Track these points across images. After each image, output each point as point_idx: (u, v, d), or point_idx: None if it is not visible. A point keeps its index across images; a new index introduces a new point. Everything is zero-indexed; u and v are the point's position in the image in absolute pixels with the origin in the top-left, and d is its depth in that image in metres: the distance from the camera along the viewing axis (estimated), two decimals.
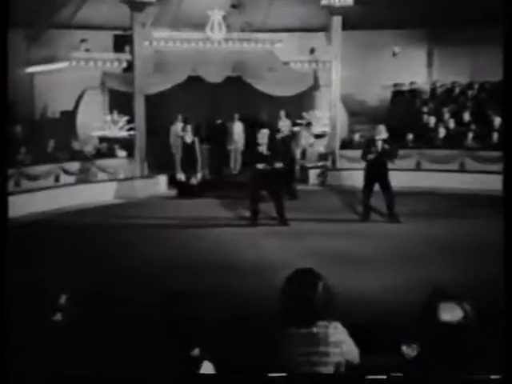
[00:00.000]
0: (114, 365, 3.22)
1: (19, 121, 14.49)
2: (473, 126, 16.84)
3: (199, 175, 15.30)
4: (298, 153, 16.57)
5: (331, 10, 16.71)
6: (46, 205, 13.47)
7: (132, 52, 15.80)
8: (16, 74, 15.39)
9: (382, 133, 12.31)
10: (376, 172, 12.28)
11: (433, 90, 19.30)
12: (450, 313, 3.04)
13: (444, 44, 19.35)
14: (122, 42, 16.63)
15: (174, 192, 15.50)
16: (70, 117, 15.96)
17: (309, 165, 16.91)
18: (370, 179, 12.32)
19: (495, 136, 15.91)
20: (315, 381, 3.38)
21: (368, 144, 12.69)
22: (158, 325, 3.09)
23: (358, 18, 16.93)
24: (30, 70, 16.98)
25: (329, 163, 16.93)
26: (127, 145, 15.73)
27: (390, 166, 12.38)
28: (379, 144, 12.18)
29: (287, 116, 17.16)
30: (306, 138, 16.91)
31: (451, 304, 3.07)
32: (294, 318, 3.51)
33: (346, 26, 16.74)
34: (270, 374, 3.37)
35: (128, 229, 11.89)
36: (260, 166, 11.82)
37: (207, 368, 3.09)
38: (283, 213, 12.06)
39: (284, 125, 16.79)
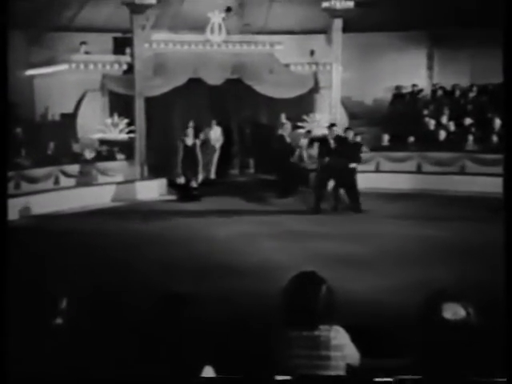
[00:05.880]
0: (115, 368, 3.21)
1: (19, 123, 14.49)
2: (473, 129, 16.85)
3: (200, 177, 15.28)
4: (296, 154, 16.59)
5: (332, 13, 16.74)
6: (45, 207, 13.47)
7: (132, 54, 15.80)
8: (16, 76, 15.37)
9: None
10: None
11: (433, 93, 19.31)
12: (453, 312, 3.05)
13: (444, 46, 19.35)
14: (122, 45, 16.64)
15: (174, 194, 15.48)
16: (70, 119, 15.95)
17: (309, 167, 16.89)
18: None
19: (495, 138, 15.91)
20: None
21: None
22: (159, 328, 3.08)
23: (359, 21, 16.93)
24: (31, 72, 16.98)
25: None
26: (127, 147, 15.72)
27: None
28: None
29: (287, 118, 17.14)
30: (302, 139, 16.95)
31: (454, 304, 3.08)
32: (296, 321, 3.50)
33: (346, 29, 16.76)
34: (271, 377, 3.36)
35: (128, 231, 11.88)
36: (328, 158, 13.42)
37: (208, 372, 3.08)
38: (358, 201, 13.35)
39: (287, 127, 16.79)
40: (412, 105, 18.84)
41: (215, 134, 16.76)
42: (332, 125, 14.40)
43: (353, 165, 13.50)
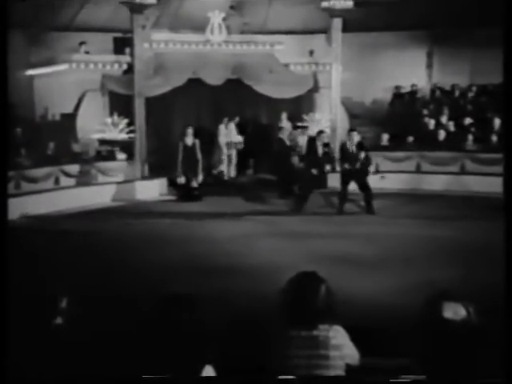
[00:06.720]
0: (115, 368, 3.21)
1: (19, 123, 14.49)
2: (473, 128, 16.85)
3: (200, 178, 15.26)
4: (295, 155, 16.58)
5: (331, 12, 16.72)
6: (46, 207, 13.47)
7: (132, 54, 15.80)
8: (16, 76, 15.38)
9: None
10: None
11: (433, 92, 19.31)
12: (453, 312, 3.06)
13: (444, 46, 19.33)
14: (122, 45, 16.64)
15: (174, 194, 15.48)
16: (70, 119, 15.96)
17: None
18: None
19: (495, 138, 15.92)
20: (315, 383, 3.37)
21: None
22: (159, 328, 3.08)
23: (358, 20, 16.93)
24: (31, 72, 16.98)
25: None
26: (127, 147, 15.72)
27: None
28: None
29: (288, 118, 17.15)
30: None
31: (454, 304, 3.09)
32: (295, 320, 3.51)
33: (346, 28, 16.76)
34: (270, 377, 3.36)
35: (128, 231, 11.88)
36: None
37: (208, 371, 3.08)
38: (371, 203, 13.23)
39: (286, 129, 16.77)
40: (411, 105, 18.84)
41: (233, 131, 16.94)
42: (352, 130, 14.09)
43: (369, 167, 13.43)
